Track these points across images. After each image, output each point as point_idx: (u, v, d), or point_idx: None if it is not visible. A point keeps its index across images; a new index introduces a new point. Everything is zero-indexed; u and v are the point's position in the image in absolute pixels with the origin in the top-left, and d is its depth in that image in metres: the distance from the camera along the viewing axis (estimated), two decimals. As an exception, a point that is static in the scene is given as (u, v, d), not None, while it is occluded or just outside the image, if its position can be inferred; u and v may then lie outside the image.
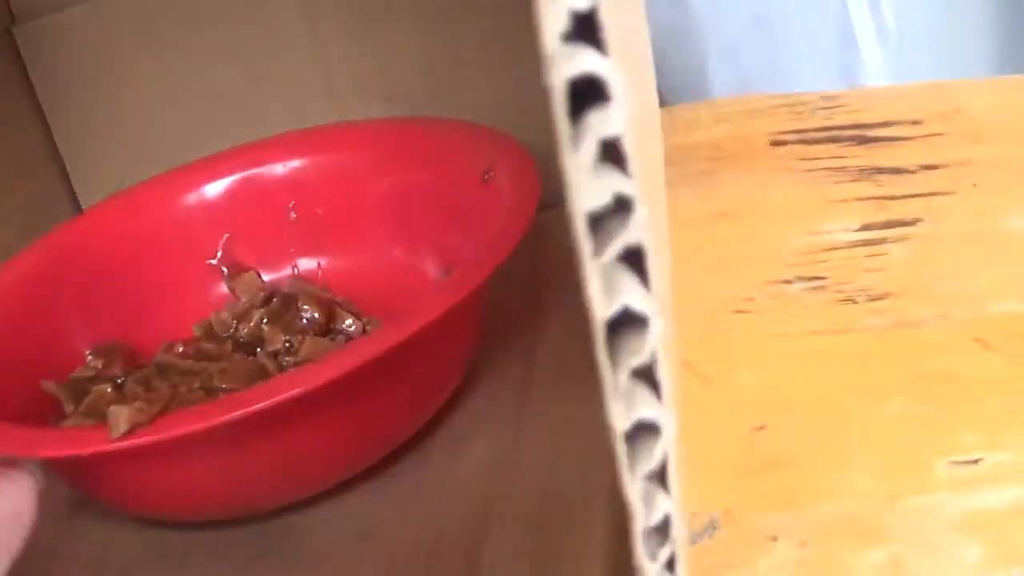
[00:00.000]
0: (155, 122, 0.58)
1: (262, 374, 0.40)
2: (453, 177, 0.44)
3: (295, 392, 0.32)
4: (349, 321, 0.44)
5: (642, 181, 0.13)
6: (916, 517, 0.34)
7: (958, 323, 0.41)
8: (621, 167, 0.12)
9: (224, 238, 0.48)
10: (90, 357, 0.43)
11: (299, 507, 0.38)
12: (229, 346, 0.43)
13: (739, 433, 0.37)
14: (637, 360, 0.13)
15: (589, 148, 0.12)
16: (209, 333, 0.44)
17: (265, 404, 0.31)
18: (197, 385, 0.40)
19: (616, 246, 0.13)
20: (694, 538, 0.34)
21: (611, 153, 0.12)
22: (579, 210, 0.12)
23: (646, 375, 0.14)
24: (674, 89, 0.80)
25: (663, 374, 0.14)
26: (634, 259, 0.13)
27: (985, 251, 0.44)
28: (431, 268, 0.45)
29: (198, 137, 0.57)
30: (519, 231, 0.37)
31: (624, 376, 0.14)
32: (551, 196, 0.42)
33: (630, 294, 0.13)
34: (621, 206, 0.13)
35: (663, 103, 0.58)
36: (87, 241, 0.47)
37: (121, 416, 0.31)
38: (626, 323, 0.13)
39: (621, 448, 0.14)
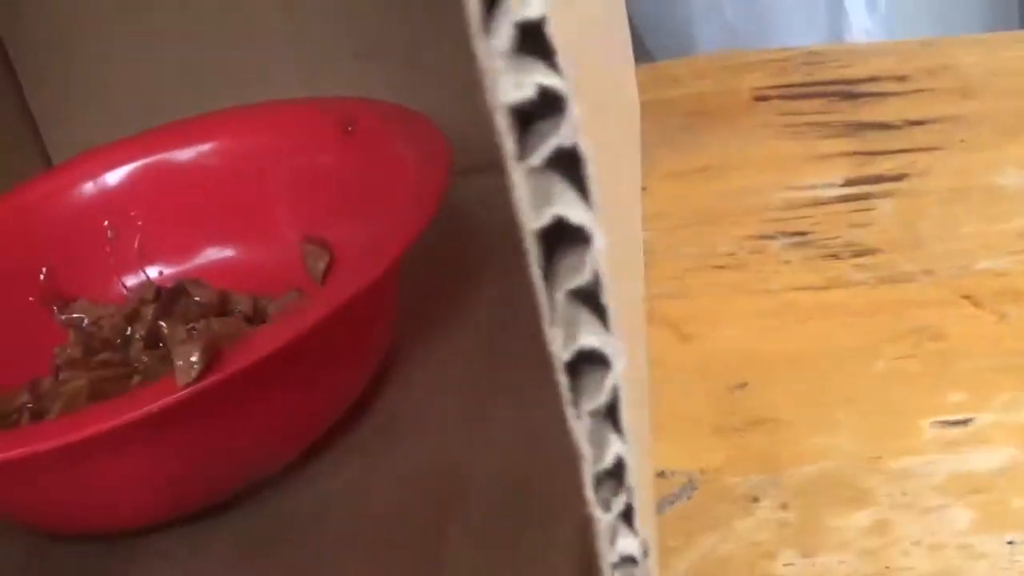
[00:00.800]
0: (128, 81, 0.56)
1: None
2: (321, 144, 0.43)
3: (271, 348, 0.30)
4: (241, 300, 0.42)
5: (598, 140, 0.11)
6: (902, 479, 0.32)
7: (946, 280, 0.39)
8: (548, 60, 0.11)
9: (43, 271, 0.44)
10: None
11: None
12: (139, 346, 0.40)
13: (718, 391, 0.36)
14: (577, 280, 0.12)
15: (505, 32, 0.10)
16: (90, 346, 0.41)
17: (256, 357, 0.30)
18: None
19: (546, 147, 0.11)
20: (671, 499, 0.32)
21: (536, 46, 0.11)
22: (499, 103, 0.10)
23: (589, 299, 0.12)
24: (660, 47, 0.79)
25: (609, 298, 0.12)
26: (570, 168, 0.12)
27: (973, 207, 0.43)
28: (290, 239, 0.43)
29: (170, 97, 0.55)
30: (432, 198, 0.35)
31: (561, 296, 0.12)
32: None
33: (565, 204, 0.12)
34: (551, 106, 0.11)
35: (649, 61, 0.57)
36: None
37: (192, 355, 0.28)
38: (564, 239, 0.12)
39: (563, 381, 0.13)
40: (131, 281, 0.45)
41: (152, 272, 0.45)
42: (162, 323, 0.40)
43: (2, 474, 0.32)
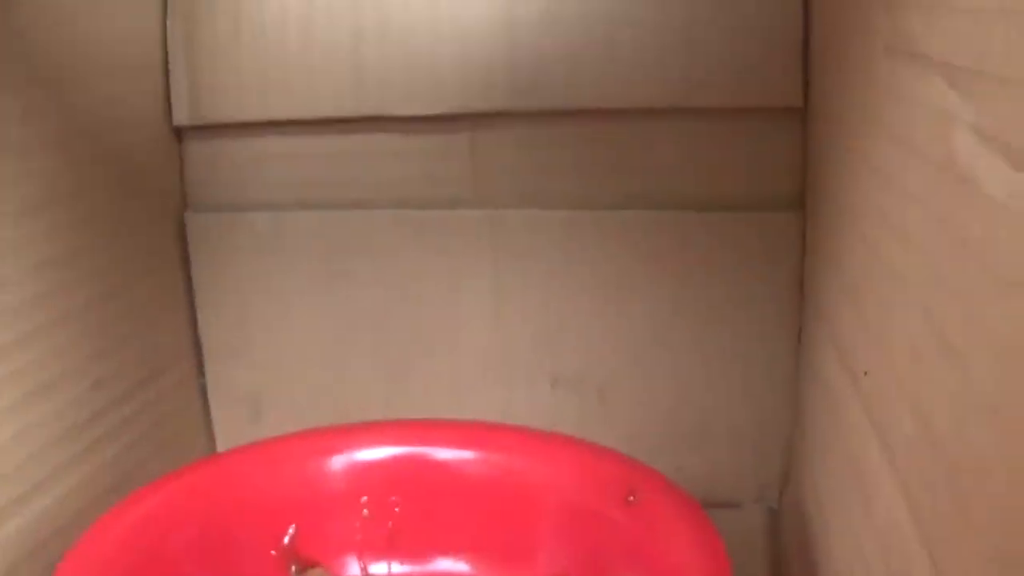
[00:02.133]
0: (303, 346, 0.57)
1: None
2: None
3: None
4: None
5: None
6: None
7: None
8: None
9: (291, 529, 0.46)
10: None
11: None
12: None
13: None
14: None
15: None
16: None
17: None
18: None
19: None
20: None
21: None
22: None
23: None
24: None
25: None
26: None
27: None
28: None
29: (362, 397, 0.56)
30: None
31: None
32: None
33: None
34: None
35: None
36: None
37: None
38: None
39: None
40: (371, 566, 0.46)
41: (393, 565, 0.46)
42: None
43: None
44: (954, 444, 0.24)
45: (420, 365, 0.55)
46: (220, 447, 0.58)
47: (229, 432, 0.58)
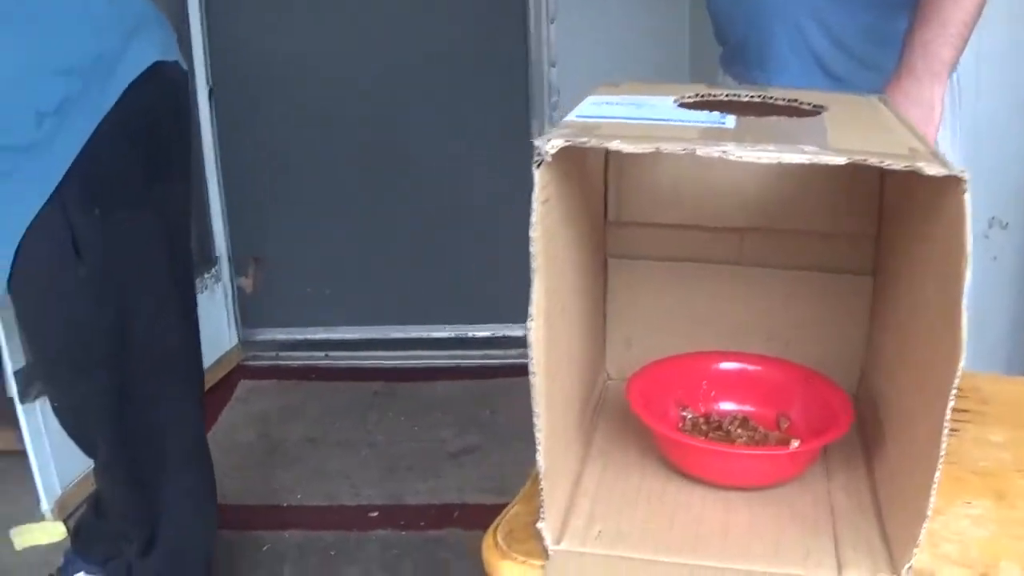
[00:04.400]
0: (656, 316, 1.27)
1: (763, 440, 1.12)
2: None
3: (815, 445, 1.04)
4: (762, 431, 1.14)
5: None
6: None
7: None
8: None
9: (678, 393, 1.18)
10: (683, 422, 1.16)
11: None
12: (733, 428, 1.14)
13: None
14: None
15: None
16: (695, 425, 1.15)
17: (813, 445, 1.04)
18: (743, 440, 1.12)
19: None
20: None
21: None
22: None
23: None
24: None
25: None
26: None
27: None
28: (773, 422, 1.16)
29: (675, 329, 1.28)
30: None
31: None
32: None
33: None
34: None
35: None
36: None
37: (794, 442, 1.05)
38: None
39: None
40: (704, 407, 1.19)
41: (720, 404, 1.19)
42: (740, 429, 1.14)
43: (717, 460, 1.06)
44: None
45: (711, 330, 1.27)
46: (608, 363, 1.30)
47: (611, 356, 1.30)
